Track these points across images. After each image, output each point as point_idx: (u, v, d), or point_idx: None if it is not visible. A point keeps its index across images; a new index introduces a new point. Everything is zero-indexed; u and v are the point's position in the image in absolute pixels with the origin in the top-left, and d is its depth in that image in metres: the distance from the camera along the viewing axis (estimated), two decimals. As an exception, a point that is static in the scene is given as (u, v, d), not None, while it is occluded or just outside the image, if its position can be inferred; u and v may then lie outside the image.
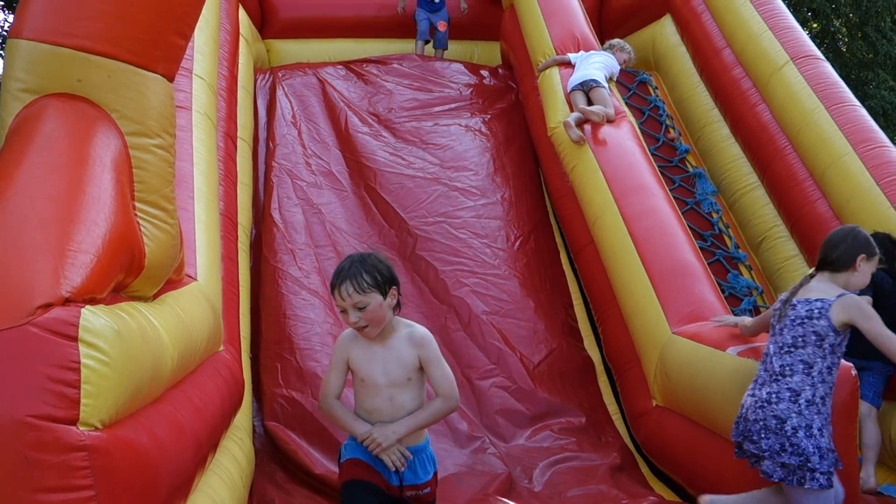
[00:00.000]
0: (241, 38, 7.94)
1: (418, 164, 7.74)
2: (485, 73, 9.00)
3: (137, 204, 3.36)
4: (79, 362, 2.57)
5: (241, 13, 8.30)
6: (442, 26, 9.05)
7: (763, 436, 3.78)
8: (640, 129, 7.63)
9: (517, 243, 7.21)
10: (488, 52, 9.52)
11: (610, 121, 7.04)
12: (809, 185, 6.65)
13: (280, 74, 8.55)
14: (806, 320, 3.86)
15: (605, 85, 7.33)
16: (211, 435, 3.94)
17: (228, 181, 6.22)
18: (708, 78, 8.13)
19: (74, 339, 2.59)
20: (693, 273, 5.81)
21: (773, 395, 3.81)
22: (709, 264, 6.60)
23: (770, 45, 7.37)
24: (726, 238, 7.36)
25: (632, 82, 8.62)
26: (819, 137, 6.59)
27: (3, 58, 14.17)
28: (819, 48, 8.63)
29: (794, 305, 3.95)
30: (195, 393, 3.76)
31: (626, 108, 7.46)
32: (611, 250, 6.27)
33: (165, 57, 3.46)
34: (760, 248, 7.20)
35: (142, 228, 3.35)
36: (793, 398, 3.77)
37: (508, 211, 7.48)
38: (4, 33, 14.67)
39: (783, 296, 4.09)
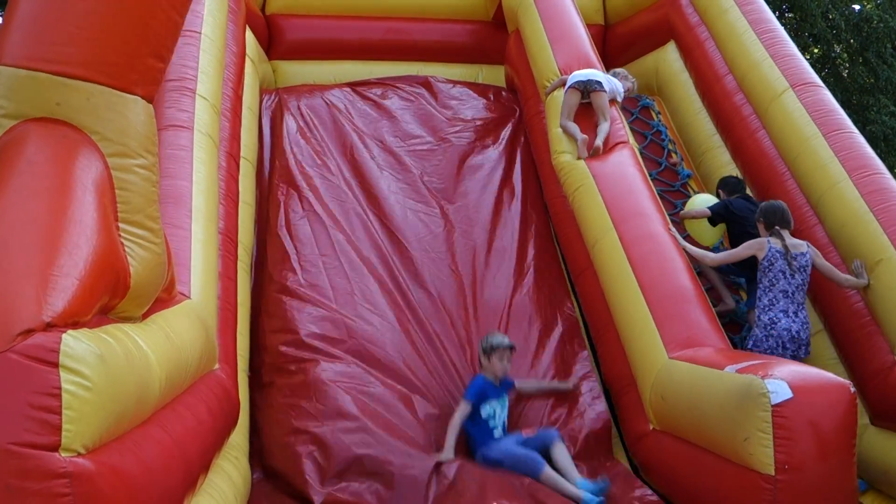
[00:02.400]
0: (247, 58, 8.00)
1: (421, 194, 7.75)
2: (489, 95, 9.04)
3: (122, 224, 3.36)
4: (60, 388, 2.58)
5: (248, 34, 8.36)
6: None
7: (809, 344, 5.87)
8: (641, 153, 7.68)
9: (521, 271, 7.21)
10: (492, 76, 9.54)
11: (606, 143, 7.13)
12: (806, 211, 6.65)
13: (286, 95, 8.59)
14: (805, 266, 5.88)
15: (607, 90, 7.40)
16: (202, 455, 3.94)
17: (229, 200, 6.25)
18: (709, 104, 8.16)
19: (55, 365, 2.59)
20: (690, 299, 5.84)
21: (805, 317, 5.86)
22: (708, 290, 6.66)
23: (770, 72, 7.38)
24: (727, 263, 7.35)
25: (635, 107, 8.65)
26: (816, 164, 6.60)
27: None
28: (820, 73, 8.67)
29: (796, 257, 5.86)
30: (186, 413, 3.76)
31: (629, 132, 7.48)
32: (609, 274, 6.30)
33: (143, 79, 3.46)
34: (760, 273, 7.19)
35: (126, 249, 3.34)
36: (809, 320, 5.91)
37: (512, 239, 7.47)
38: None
39: (777, 247, 5.88)
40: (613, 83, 7.63)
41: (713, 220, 6.91)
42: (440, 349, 6.53)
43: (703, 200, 7.10)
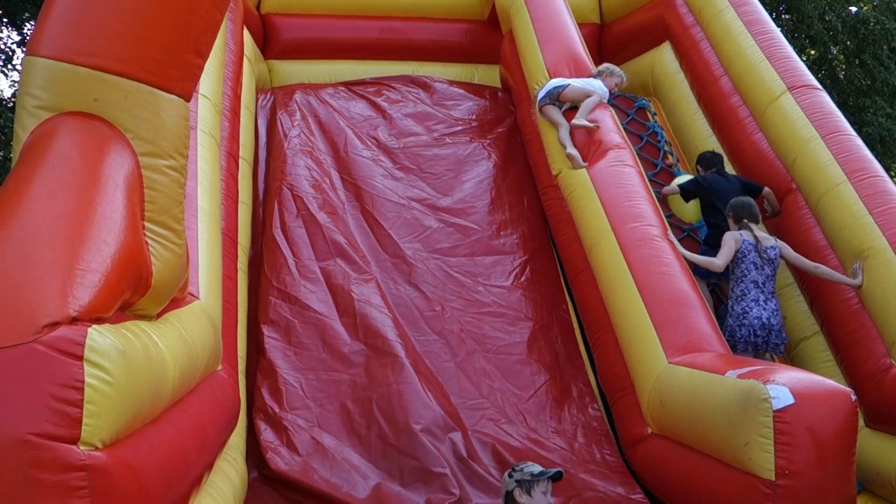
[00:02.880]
0: (244, 57, 7.98)
1: (416, 193, 7.75)
2: (485, 96, 9.04)
3: (147, 223, 3.37)
4: (83, 382, 2.57)
5: (245, 33, 8.34)
6: None
7: (781, 330, 6.14)
8: (637, 154, 7.64)
9: (513, 275, 7.20)
10: (488, 76, 9.56)
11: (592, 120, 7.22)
12: (805, 214, 6.67)
13: (281, 94, 8.58)
14: (775, 259, 6.20)
15: (570, 83, 7.46)
16: (207, 454, 3.94)
17: (230, 200, 6.24)
18: (706, 105, 8.17)
19: (80, 358, 2.59)
20: (689, 303, 5.81)
21: (775, 306, 6.15)
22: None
23: (768, 74, 7.39)
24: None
25: (630, 108, 8.67)
26: (814, 166, 6.60)
27: (3, 73, 14.17)
28: (816, 75, 8.69)
29: (766, 250, 6.18)
30: (194, 412, 3.75)
31: (623, 135, 7.48)
32: (607, 277, 6.26)
33: (182, 76, 3.47)
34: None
35: (150, 248, 3.35)
36: (779, 308, 6.21)
37: (505, 242, 7.48)
38: (8, 49, 14.62)
39: (749, 239, 6.18)
40: (596, 86, 7.59)
41: (685, 197, 7.16)
42: (437, 349, 6.51)
43: (684, 179, 7.39)
